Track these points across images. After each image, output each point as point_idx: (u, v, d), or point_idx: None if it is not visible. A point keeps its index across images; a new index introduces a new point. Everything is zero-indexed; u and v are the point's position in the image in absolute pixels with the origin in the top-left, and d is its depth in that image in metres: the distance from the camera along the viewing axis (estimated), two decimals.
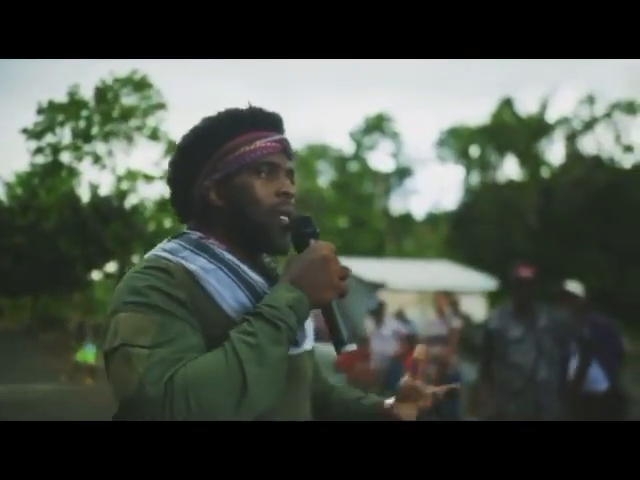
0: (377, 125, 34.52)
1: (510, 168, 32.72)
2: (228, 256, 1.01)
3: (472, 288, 12.86)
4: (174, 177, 1.08)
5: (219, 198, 1.04)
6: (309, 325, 1.10)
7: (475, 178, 30.46)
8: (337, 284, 0.96)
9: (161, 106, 22.60)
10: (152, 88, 22.46)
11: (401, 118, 52.16)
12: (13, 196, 20.80)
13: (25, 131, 20.85)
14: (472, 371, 5.26)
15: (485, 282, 14.06)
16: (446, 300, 5.89)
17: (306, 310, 0.94)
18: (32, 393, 9.16)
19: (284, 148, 1.07)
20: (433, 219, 34.17)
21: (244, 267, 1.01)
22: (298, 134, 37.06)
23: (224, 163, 1.03)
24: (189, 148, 1.05)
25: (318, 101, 56.76)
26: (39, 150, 20.90)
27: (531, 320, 3.31)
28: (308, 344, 1.09)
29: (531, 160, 26.62)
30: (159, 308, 0.89)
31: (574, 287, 4.07)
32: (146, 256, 1.01)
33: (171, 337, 0.87)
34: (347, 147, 35.55)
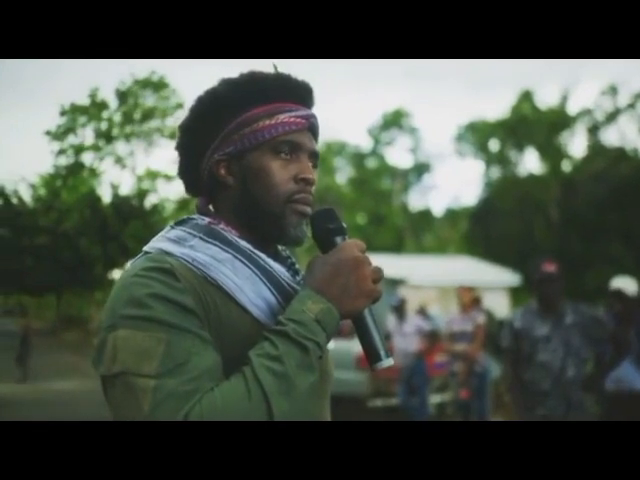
0: (395, 121, 34.33)
1: (530, 162, 32.26)
2: (242, 243, 0.87)
3: (494, 284, 12.69)
4: (183, 143, 0.94)
5: (230, 176, 0.90)
6: None
7: (495, 173, 30.10)
8: (370, 290, 0.82)
9: (179, 106, 22.79)
10: (169, 88, 22.68)
11: (419, 113, 51.78)
12: (37, 197, 21.17)
13: (48, 133, 21.20)
14: (498, 368, 5.19)
15: (507, 278, 13.87)
16: (469, 295, 5.81)
17: (335, 324, 0.80)
18: (53, 391, 9.30)
19: (311, 125, 0.92)
20: (452, 215, 33.88)
21: (261, 254, 0.88)
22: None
23: (239, 136, 0.88)
24: (201, 113, 0.91)
25: (335, 98, 56.65)
26: (62, 151, 21.25)
27: (557, 318, 3.23)
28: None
29: (552, 153, 26.21)
30: (164, 322, 0.76)
31: (626, 283, 3.97)
32: (146, 247, 0.88)
33: (180, 361, 0.74)
34: (365, 143, 35.46)
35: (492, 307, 8.45)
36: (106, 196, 20.32)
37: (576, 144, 26.77)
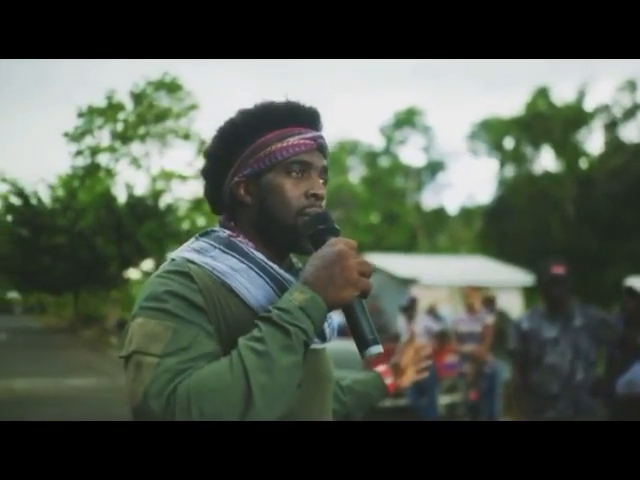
0: (408, 119, 34.18)
1: (546, 160, 31.91)
2: (258, 254, 0.98)
3: (507, 283, 12.62)
4: (207, 168, 1.05)
5: (248, 195, 1.01)
6: (336, 318, 1.09)
7: (509, 171, 29.83)
8: (355, 281, 0.87)
9: (193, 107, 22.96)
10: (183, 90, 22.84)
11: (432, 111, 51.46)
12: (55, 198, 21.49)
13: (66, 134, 21.49)
14: (509, 369, 5.15)
15: (521, 277, 13.76)
16: (477, 296, 5.78)
17: (321, 311, 0.86)
18: (70, 387, 9.45)
19: (319, 146, 1.02)
20: (467, 213, 33.66)
21: (274, 265, 0.98)
22: (328, 131, 36.91)
23: (255, 159, 0.99)
24: (222, 141, 1.03)
25: (348, 97, 56.54)
26: (79, 152, 21.53)
27: (566, 319, 3.21)
28: (333, 337, 1.08)
29: (568, 150, 25.89)
30: (174, 314, 0.87)
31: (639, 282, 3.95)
32: (173, 255, 0.99)
33: (183, 345, 0.84)
34: (378, 142, 35.35)
35: (506, 307, 8.40)
36: (121, 196, 20.55)
37: (593, 141, 26.43)
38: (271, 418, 0.82)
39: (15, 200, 20.93)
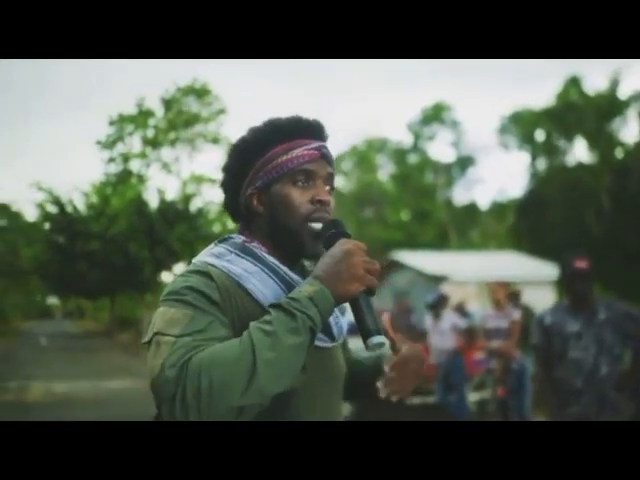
0: (435, 115, 33.83)
1: (579, 151, 31.10)
2: (270, 258, 1.07)
3: (539, 278, 12.38)
4: (225, 182, 1.15)
5: (260, 205, 1.09)
6: (344, 319, 1.13)
7: (541, 163, 29.20)
8: (361, 276, 0.95)
9: (222, 111, 23.27)
10: (212, 95, 23.17)
11: (461, 106, 50.75)
12: (90, 205, 22.05)
13: (99, 143, 22.07)
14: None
15: (553, 272, 13.48)
16: (504, 291, 5.70)
17: (328, 302, 0.94)
18: (107, 390, 9.71)
19: (322, 155, 1.10)
20: (499, 208, 33.09)
21: (284, 268, 1.06)
22: (356, 129, 36.85)
23: (264, 172, 1.08)
24: (236, 156, 1.12)
25: (375, 95, 56.32)
26: (111, 160, 22.08)
27: (589, 314, 3.15)
28: (342, 337, 1.12)
29: (602, 141, 25.19)
30: (192, 304, 0.95)
31: None
32: (195, 259, 1.08)
33: (199, 328, 0.92)
34: (406, 139, 35.10)
35: (537, 302, 8.25)
36: (153, 201, 20.95)
37: (629, 129, 25.64)
38: (271, 392, 0.88)
39: (51, 208, 21.58)
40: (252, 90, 51.77)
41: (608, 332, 3.07)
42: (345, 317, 1.15)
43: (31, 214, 27.08)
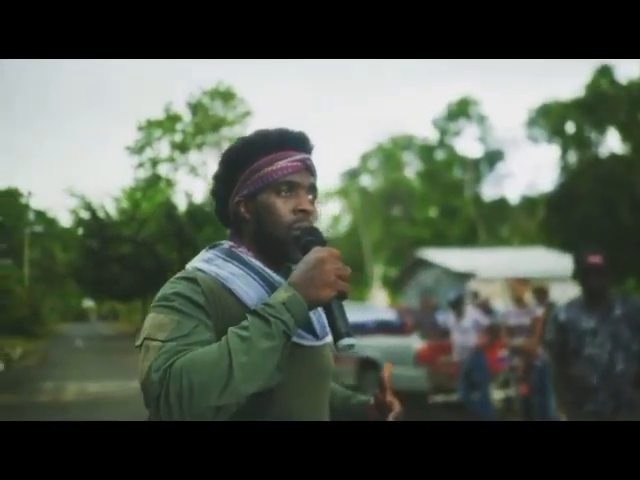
0: (461, 110, 33.40)
1: (612, 142, 30.25)
2: (255, 262, 1.13)
3: (569, 274, 12.11)
4: (215, 190, 1.20)
5: (247, 212, 1.15)
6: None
7: (572, 156, 28.54)
8: (332, 282, 1.00)
9: (247, 114, 23.49)
10: (237, 98, 23.42)
11: (487, 100, 49.91)
12: (121, 210, 22.54)
13: (128, 148, 22.56)
14: None
15: None
16: (524, 288, 5.62)
17: (301, 307, 1.00)
18: (139, 391, 9.91)
19: (306, 167, 1.15)
20: (529, 203, 32.46)
21: (269, 271, 1.13)
22: (381, 127, 36.65)
23: (251, 181, 1.14)
24: (225, 166, 1.18)
25: (400, 91, 55.88)
26: (140, 165, 22.54)
27: (605, 310, 3.10)
28: (329, 337, 1.15)
29: (636, 131, 24.46)
30: (179, 310, 1.02)
31: None
32: (187, 265, 1.15)
33: (184, 333, 0.99)
34: (432, 135, 34.75)
35: (567, 299, 8.08)
36: (181, 204, 21.29)
37: None
38: (246, 392, 0.94)
39: (84, 214, 22.16)
40: (276, 91, 52.04)
41: (624, 328, 3.02)
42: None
43: (66, 220, 27.91)
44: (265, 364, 0.95)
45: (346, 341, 1.00)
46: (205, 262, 1.13)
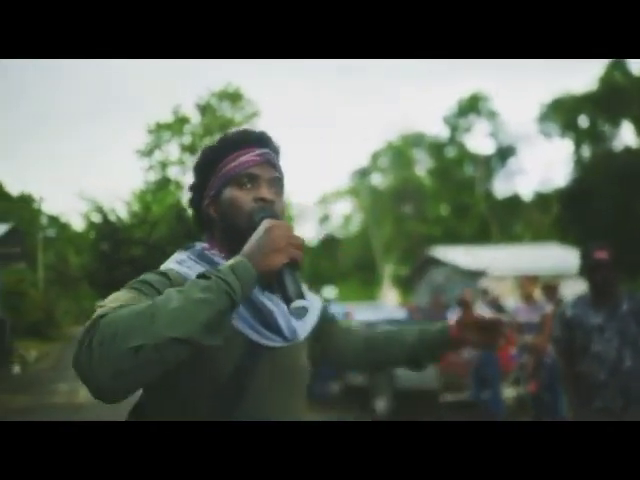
0: (471, 106, 33.20)
1: (626, 135, 29.84)
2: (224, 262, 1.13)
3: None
4: (191, 200, 1.24)
5: (215, 212, 1.18)
6: (303, 322, 1.16)
7: (586, 150, 28.24)
8: (281, 248, 1.00)
9: (255, 114, 23.56)
10: (245, 99, 23.50)
11: (498, 96, 49.58)
12: (132, 213, 22.73)
13: (138, 151, 22.75)
14: None
15: None
16: (534, 285, 5.54)
17: (249, 272, 0.98)
18: None
19: (267, 160, 1.17)
20: (542, 199, 32.17)
21: None
22: (391, 125, 36.56)
23: (216, 179, 1.17)
24: (196, 174, 1.22)
25: (410, 90, 55.68)
26: (150, 167, 22.72)
27: (612, 306, 3.05)
28: (300, 337, 1.15)
29: None
30: (139, 289, 1.02)
31: None
32: (162, 266, 1.15)
33: (132, 303, 0.97)
34: (442, 132, 34.58)
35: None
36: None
37: None
38: (166, 335, 0.88)
39: (96, 218, 22.38)
40: (284, 91, 52.14)
41: (632, 324, 2.98)
42: (306, 320, 1.18)
43: (78, 224, 28.25)
44: (194, 313, 0.90)
45: (296, 303, 0.98)
46: (177, 263, 1.14)
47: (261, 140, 1.20)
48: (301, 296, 0.99)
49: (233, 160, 1.16)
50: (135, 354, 0.86)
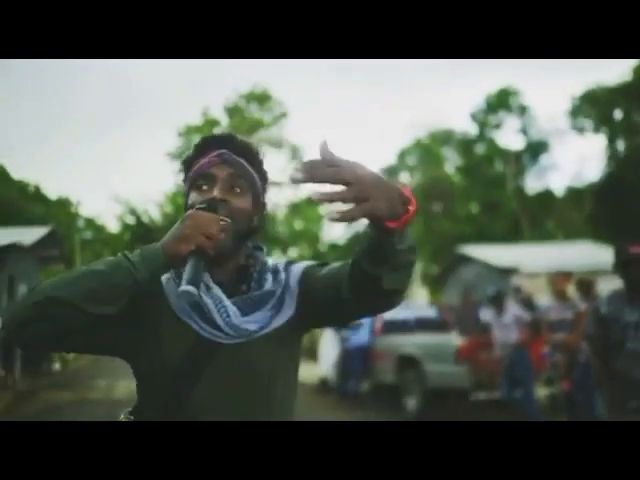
0: (501, 102, 32.63)
1: None
2: None
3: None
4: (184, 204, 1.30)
5: None
6: (264, 315, 1.15)
7: (620, 144, 27.46)
8: (188, 236, 1.04)
9: (283, 115, 23.68)
10: (272, 100, 23.64)
11: (528, 90, 48.52)
12: (164, 215, 23.12)
13: (169, 154, 23.12)
14: None
15: None
16: (567, 282, 5.46)
17: (156, 255, 1.05)
18: None
19: (223, 160, 1.19)
20: (575, 194, 31.40)
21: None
22: (419, 122, 36.26)
23: (185, 188, 1.23)
24: (184, 186, 1.26)
25: (436, 86, 55.10)
26: (181, 170, 23.00)
27: None
28: (249, 331, 1.13)
29: None
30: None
31: None
32: None
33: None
34: (471, 129, 34.09)
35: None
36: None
37: None
38: (47, 293, 1.01)
39: (129, 220, 22.86)
40: (312, 90, 52.24)
41: None
42: (256, 315, 1.15)
43: (114, 226, 28.93)
44: (82, 280, 1.02)
45: (183, 287, 1.00)
46: None
47: (220, 141, 1.22)
48: (194, 283, 1.01)
49: (195, 165, 1.20)
50: (34, 307, 1.00)
